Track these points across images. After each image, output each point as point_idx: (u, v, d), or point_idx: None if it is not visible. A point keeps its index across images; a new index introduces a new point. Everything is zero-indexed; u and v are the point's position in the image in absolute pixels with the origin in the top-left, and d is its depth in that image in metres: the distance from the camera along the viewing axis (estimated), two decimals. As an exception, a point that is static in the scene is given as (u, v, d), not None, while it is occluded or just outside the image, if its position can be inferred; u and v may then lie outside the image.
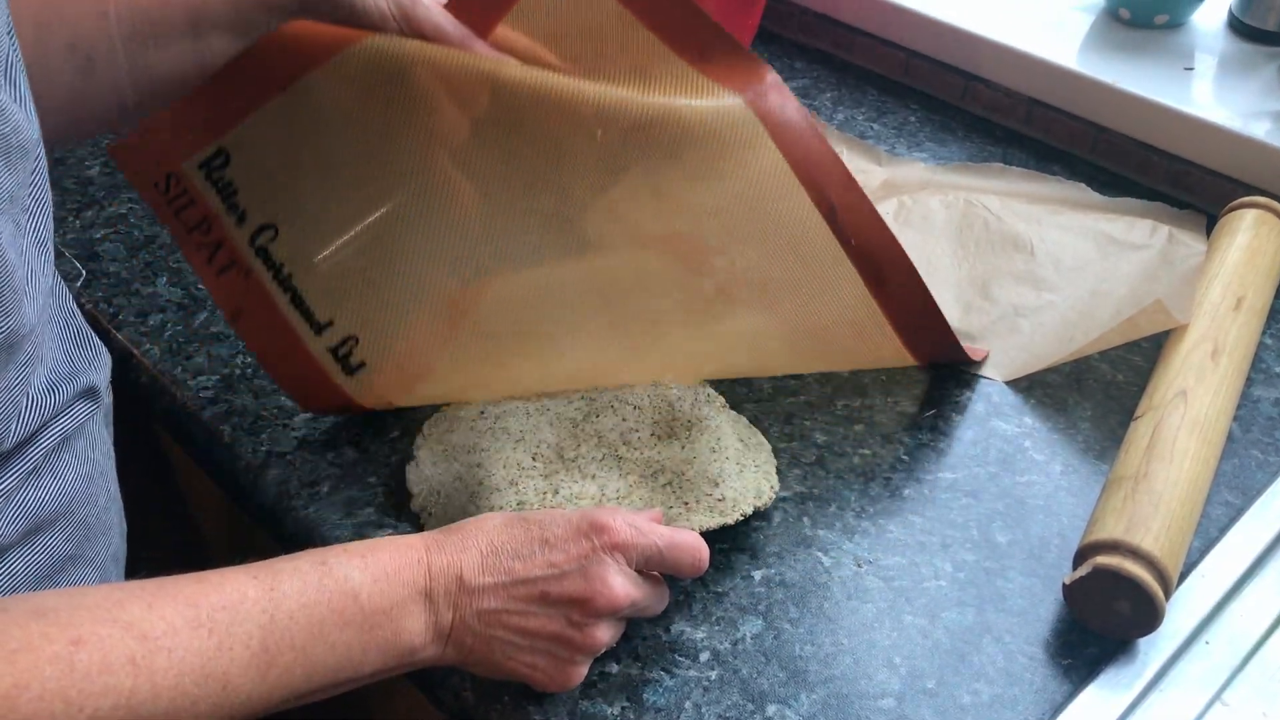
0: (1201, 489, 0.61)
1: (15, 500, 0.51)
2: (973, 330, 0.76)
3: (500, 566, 0.52)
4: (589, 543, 0.53)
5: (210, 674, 0.44)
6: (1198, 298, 0.72)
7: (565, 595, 0.52)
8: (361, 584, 0.49)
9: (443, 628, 0.51)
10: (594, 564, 0.52)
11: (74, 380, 0.54)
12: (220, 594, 0.46)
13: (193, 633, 0.44)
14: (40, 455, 0.51)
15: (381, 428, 0.69)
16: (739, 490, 0.61)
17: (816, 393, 0.73)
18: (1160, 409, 0.64)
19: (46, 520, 0.53)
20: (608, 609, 0.52)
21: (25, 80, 0.47)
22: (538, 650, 0.52)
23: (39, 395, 0.51)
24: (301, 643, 0.47)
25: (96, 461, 0.57)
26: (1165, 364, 0.69)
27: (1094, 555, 0.57)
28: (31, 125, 0.45)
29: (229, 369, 0.73)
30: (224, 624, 0.45)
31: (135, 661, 0.42)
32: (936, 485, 0.67)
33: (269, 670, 0.46)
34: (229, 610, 0.45)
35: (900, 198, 0.86)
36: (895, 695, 0.56)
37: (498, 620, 0.51)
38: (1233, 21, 0.98)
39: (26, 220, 0.48)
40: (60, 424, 0.53)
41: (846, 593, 0.61)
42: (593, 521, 0.53)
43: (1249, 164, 0.85)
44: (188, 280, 0.80)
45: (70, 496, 0.54)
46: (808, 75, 1.05)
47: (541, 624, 0.52)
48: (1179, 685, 0.57)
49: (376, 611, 0.49)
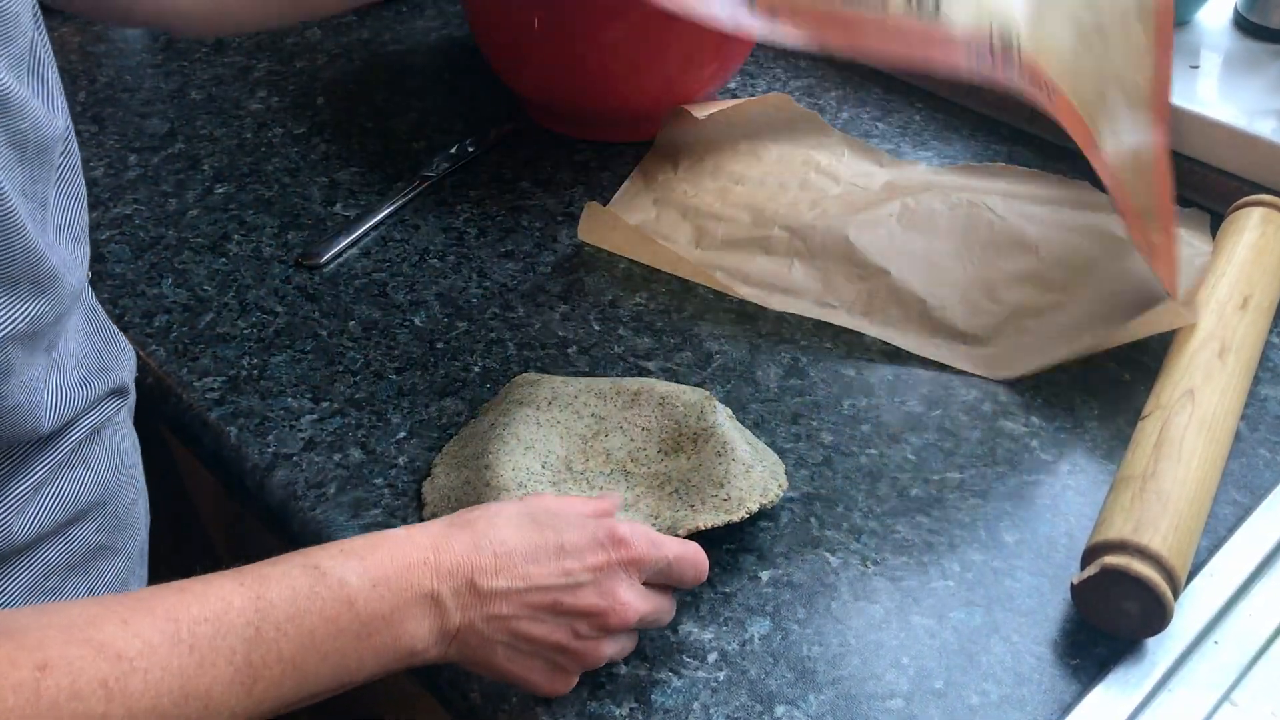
0: (1209, 489, 0.61)
1: (52, 491, 0.51)
2: (978, 331, 0.76)
3: (514, 570, 0.50)
4: (606, 555, 0.51)
5: (191, 693, 0.42)
6: (1204, 296, 0.72)
7: (578, 608, 0.51)
8: (359, 589, 0.46)
9: (449, 631, 0.49)
10: (609, 578, 0.51)
11: (105, 375, 0.55)
12: (202, 606, 0.43)
13: (171, 650, 0.42)
14: (70, 447, 0.52)
15: (388, 429, 0.69)
16: (745, 489, 0.61)
17: (823, 393, 0.73)
18: (1168, 408, 0.64)
19: (82, 511, 0.53)
20: (619, 625, 0.51)
21: (54, 73, 0.47)
22: (539, 656, 0.51)
23: (72, 389, 0.51)
24: (290, 654, 0.45)
25: (126, 454, 0.58)
26: (1172, 363, 0.69)
27: (1102, 555, 0.57)
28: (55, 120, 0.45)
29: (235, 370, 0.73)
30: (206, 638, 0.42)
31: (108, 685, 0.40)
32: (944, 485, 0.67)
33: (254, 685, 0.44)
34: (211, 623, 0.43)
35: (904, 199, 0.86)
36: (903, 696, 0.56)
37: (505, 626, 0.50)
38: (1238, 20, 0.98)
39: (54, 213, 0.48)
40: (90, 417, 0.53)
41: (854, 593, 0.61)
42: (610, 533, 0.52)
43: (1254, 162, 0.85)
44: (193, 281, 0.80)
45: (104, 487, 0.55)
46: (812, 74, 1.05)
47: (548, 632, 0.51)
48: (1187, 685, 0.57)
49: (375, 617, 0.47)
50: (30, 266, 0.44)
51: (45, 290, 0.45)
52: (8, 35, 0.42)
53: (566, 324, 0.78)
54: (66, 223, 0.50)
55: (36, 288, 0.45)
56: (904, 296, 0.78)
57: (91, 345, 0.55)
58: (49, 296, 0.46)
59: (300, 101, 1.00)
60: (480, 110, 0.99)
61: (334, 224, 0.86)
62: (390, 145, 0.95)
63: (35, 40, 0.45)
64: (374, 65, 1.05)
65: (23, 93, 0.42)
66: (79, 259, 0.51)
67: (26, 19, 0.44)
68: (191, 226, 0.85)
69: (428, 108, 0.99)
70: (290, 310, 0.78)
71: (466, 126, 0.97)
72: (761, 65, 1.06)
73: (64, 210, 0.50)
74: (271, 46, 1.08)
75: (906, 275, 0.79)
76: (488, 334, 0.77)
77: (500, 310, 0.79)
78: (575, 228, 0.85)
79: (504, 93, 1.00)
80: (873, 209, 0.85)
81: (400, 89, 1.02)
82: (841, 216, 0.85)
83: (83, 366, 0.53)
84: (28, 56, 0.44)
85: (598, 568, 0.51)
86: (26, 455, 0.50)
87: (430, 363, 0.74)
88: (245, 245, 0.84)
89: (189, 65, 1.04)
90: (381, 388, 0.72)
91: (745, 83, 1.03)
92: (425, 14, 1.14)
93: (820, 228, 0.84)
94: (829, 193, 0.88)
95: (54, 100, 0.46)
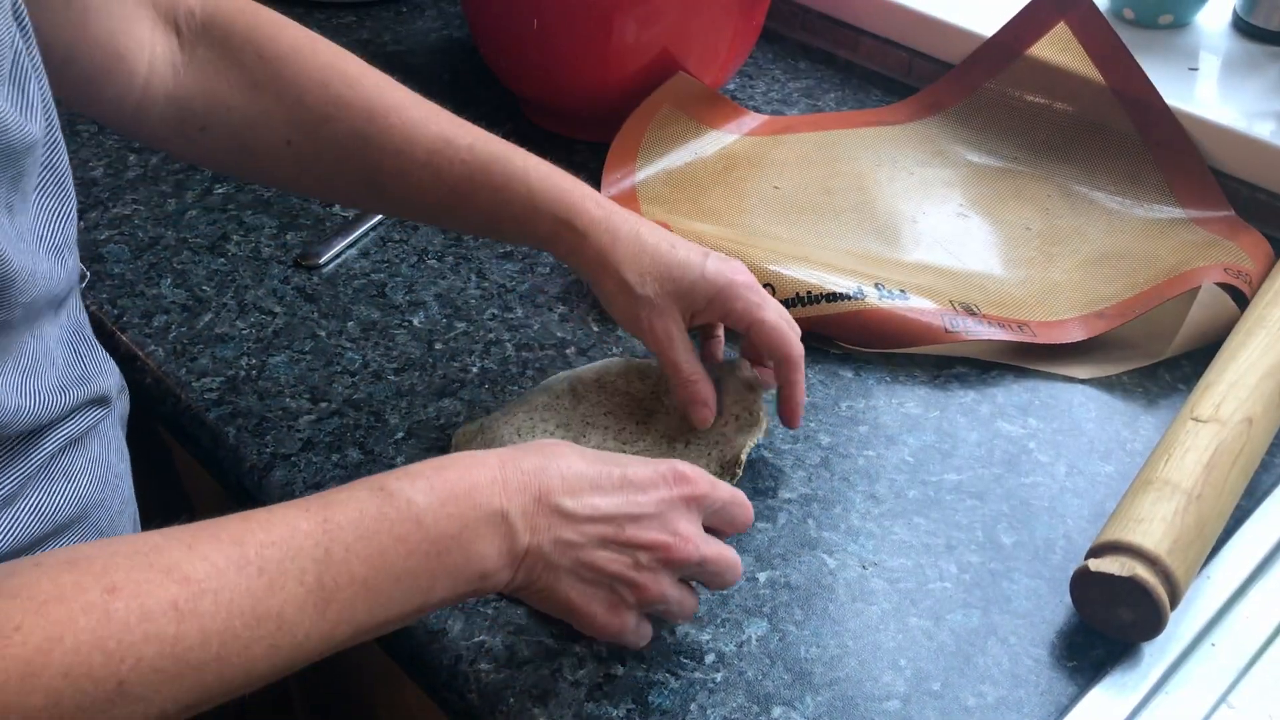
0: (1227, 517, 0.62)
1: (27, 505, 0.50)
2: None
3: (580, 496, 0.50)
4: (670, 490, 0.52)
5: (263, 615, 0.42)
6: (1269, 321, 0.70)
7: (641, 540, 0.51)
8: (427, 508, 0.46)
9: (518, 552, 0.49)
10: (672, 511, 0.52)
11: (86, 384, 0.54)
12: (268, 531, 0.43)
13: (239, 573, 0.41)
14: (44, 460, 0.51)
15: (386, 430, 0.69)
16: (742, 403, 0.66)
17: (821, 394, 0.73)
18: (1226, 426, 0.62)
19: (61, 525, 0.52)
20: (681, 559, 0.52)
21: (37, 83, 0.46)
22: (601, 586, 0.51)
23: (48, 394, 0.50)
24: (362, 575, 0.44)
25: (111, 465, 0.57)
26: (1241, 376, 0.66)
27: (1129, 556, 0.56)
28: (29, 128, 0.45)
29: (233, 370, 0.73)
30: (274, 561, 0.42)
31: (178, 606, 0.40)
32: (941, 487, 0.67)
33: (328, 607, 0.43)
34: (279, 546, 0.43)
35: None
36: (900, 697, 0.56)
37: (570, 552, 0.50)
38: (1237, 22, 0.98)
39: (29, 221, 0.48)
40: (68, 426, 0.52)
41: (851, 595, 0.61)
42: (673, 469, 0.52)
43: (1253, 164, 0.85)
44: (192, 282, 0.80)
45: (85, 500, 0.54)
46: (811, 75, 1.05)
47: (610, 561, 0.51)
48: (1185, 687, 0.57)
49: (444, 537, 0.46)
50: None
51: (8, 292, 0.44)
52: None
53: (565, 325, 0.78)
54: (47, 234, 0.49)
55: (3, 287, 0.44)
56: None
57: (75, 354, 0.54)
58: (12, 298, 0.45)
59: (300, 102, 1.00)
60: (479, 110, 0.99)
61: (333, 224, 0.86)
62: (389, 146, 0.95)
63: (20, 51, 0.45)
64: (374, 65, 1.05)
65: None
66: (58, 270, 0.49)
67: (4, 20, 0.43)
68: (190, 227, 0.85)
69: (427, 108, 0.99)
70: (289, 310, 0.78)
71: (466, 127, 0.97)
72: (760, 67, 1.06)
73: (44, 221, 0.49)
74: (271, 47, 1.08)
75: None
76: (486, 335, 0.77)
77: (499, 311, 0.79)
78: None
79: (503, 93, 1.00)
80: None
81: (400, 89, 1.02)
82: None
83: (62, 376, 0.52)
84: (7, 66, 0.44)
85: (662, 501, 0.51)
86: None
87: (429, 363, 0.74)
88: (244, 245, 0.84)
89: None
90: (380, 388, 0.72)
91: (744, 84, 1.03)
92: (425, 15, 1.14)
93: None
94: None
95: (33, 110, 0.46)
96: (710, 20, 0.90)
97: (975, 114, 0.95)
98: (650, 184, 0.88)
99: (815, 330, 0.75)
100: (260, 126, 0.63)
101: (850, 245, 0.83)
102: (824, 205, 0.87)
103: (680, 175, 0.90)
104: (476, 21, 0.94)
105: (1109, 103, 0.89)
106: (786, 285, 0.75)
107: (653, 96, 0.90)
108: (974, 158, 0.93)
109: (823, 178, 0.90)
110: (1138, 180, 0.88)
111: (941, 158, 0.93)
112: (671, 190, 0.88)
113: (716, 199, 0.88)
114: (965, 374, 0.74)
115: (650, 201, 0.86)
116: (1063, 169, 0.90)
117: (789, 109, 1.00)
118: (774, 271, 0.76)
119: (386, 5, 1.15)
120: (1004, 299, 0.78)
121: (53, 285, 0.49)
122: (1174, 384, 0.74)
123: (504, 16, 0.89)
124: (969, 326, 0.74)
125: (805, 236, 0.84)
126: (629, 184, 0.88)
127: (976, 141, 0.94)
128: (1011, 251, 0.83)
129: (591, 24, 0.86)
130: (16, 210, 0.46)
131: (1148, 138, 0.87)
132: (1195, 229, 0.83)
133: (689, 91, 0.92)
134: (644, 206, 0.86)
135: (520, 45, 0.90)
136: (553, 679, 0.56)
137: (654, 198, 0.87)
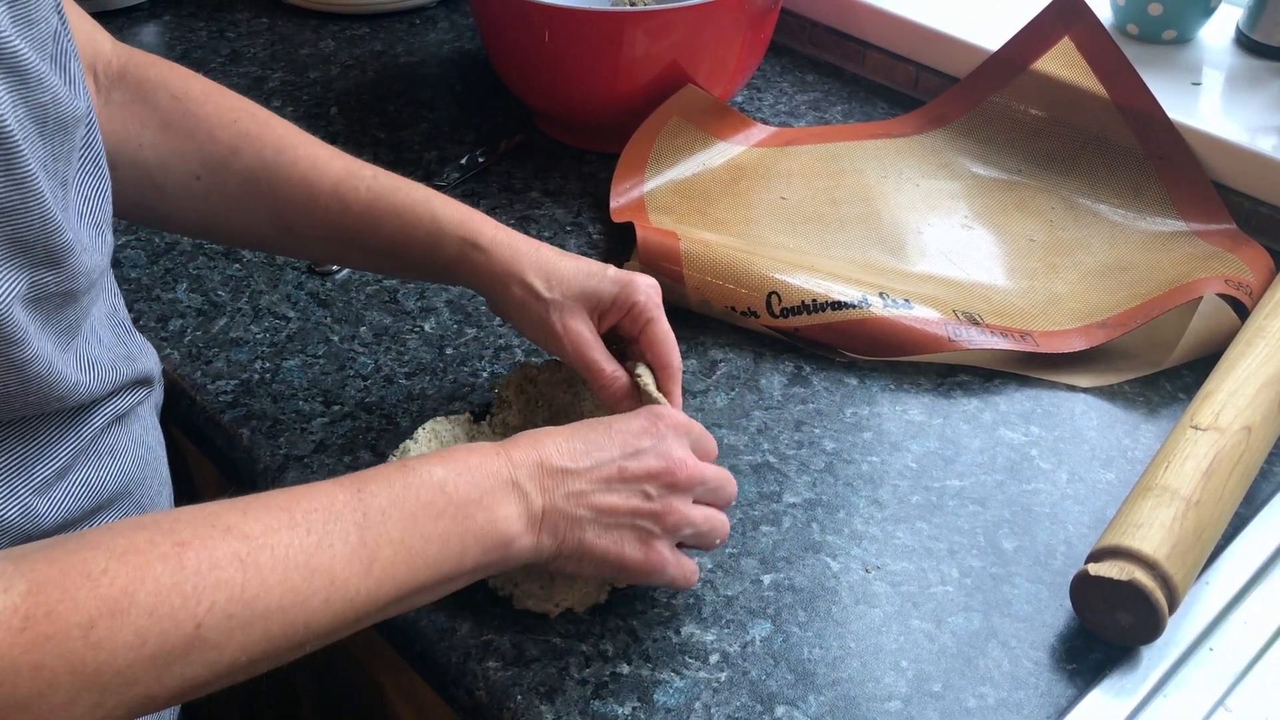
0: (1225, 523, 0.62)
1: (77, 479, 0.53)
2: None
3: (576, 453, 0.54)
4: (654, 424, 0.56)
5: (316, 569, 0.46)
6: (1268, 332, 0.71)
7: (643, 470, 0.55)
8: (446, 478, 0.51)
9: (534, 513, 0.53)
10: (662, 442, 0.56)
11: (131, 364, 0.56)
12: (310, 500, 0.48)
13: (291, 532, 0.46)
14: (93, 434, 0.54)
15: (398, 433, 0.70)
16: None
17: (826, 401, 0.74)
18: (1226, 434, 0.63)
19: (108, 499, 0.55)
20: (685, 479, 0.56)
21: (78, 66, 0.49)
22: (625, 527, 0.55)
23: (101, 370, 0.53)
24: (399, 535, 0.48)
25: (151, 448, 0.59)
26: (1240, 385, 0.67)
27: (1128, 561, 0.57)
28: (76, 102, 0.47)
29: (248, 374, 0.74)
30: (320, 523, 0.47)
31: (241, 558, 0.44)
32: (944, 493, 0.68)
33: (372, 565, 0.47)
34: (321, 511, 0.47)
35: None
36: (902, 698, 0.57)
37: (584, 500, 0.54)
38: (1240, 37, 0.99)
39: (74, 197, 0.50)
40: (115, 403, 0.55)
41: (854, 597, 0.61)
42: (649, 411, 0.58)
43: (1255, 178, 0.86)
44: (207, 286, 0.82)
45: (129, 477, 0.56)
46: (818, 88, 1.06)
47: (623, 500, 0.55)
48: (1183, 691, 0.57)
49: (467, 502, 0.51)
50: (44, 235, 0.45)
51: (58, 263, 0.47)
52: (29, 18, 0.44)
53: (574, 331, 0.79)
54: (89, 209, 0.52)
55: (48, 257, 0.46)
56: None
57: (116, 336, 0.57)
58: (61, 270, 0.47)
59: (314, 111, 1.01)
60: (491, 121, 1.01)
61: (346, 232, 0.87)
62: (402, 155, 0.96)
63: (60, 32, 0.47)
64: (387, 77, 1.07)
65: (43, 67, 0.44)
66: (100, 245, 0.52)
67: (48, 8, 0.46)
68: (206, 233, 0.87)
69: (439, 119, 1.01)
70: (302, 316, 0.80)
71: (477, 137, 0.98)
72: (769, 80, 1.07)
73: (86, 197, 0.52)
74: (286, 57, 1.09)
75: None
76: (496, 340, 0.78)
77: (509, 317, 0.80)
78: (583, 237, 0.87)
79: (514, 104, 1.02)
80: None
81: (412, 100, 1.03)
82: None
83: (111, 353, 0.55)
84: (50, 43, 0.46)
85: (649, 433, 0.56)
86: (50, 438, 0.51)
87: (439, 368, 0.75)
88: (258, 252, 0.85)
89: (205, 75, 1.05)
90: (391, 392, 0.74)
91: (752, 96, 1.05)
92: (438, 27, 1.15)
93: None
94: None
95: (76, 85, 0.48)
96: (719, 33, 0.91)
97: (980, 127, 0.96)
98: (659, 194, 0.90)
99: (821, 338, 0.77)
100: (171, 161, 0.65)
101: (856, 255, 0.85)
102: (830, 216, 0.88)
103: (688, 185, 0.91)
104: (489, 33, 0.95)
105: (1112, 117, 0.90)
106: (792, 294, 0.76)
107: (662, 108, 0.92)
108: (979, 170, 0.94)
109: (829, 188, 0.91)
110: (1140, 193, 0.89)
111: (947, 170, 0.94)
112: (679, 200, 0.89)
113: (724, 209, 0.89)
114: (968, 382, 0.75)
115: (658, 211, 0.88)
116: (1066, 182, 0.91)
117: (796, 121, 1.02)
118: (780, 280, 0.77)
119: (400, 17, 1.16)
120: (1007, 309, 0.79)
121: (99, 259, 0.51)
122: (1175, 393, 0.75)
123: (516, 29, 0.90)
124: (972, 336, 0.75)
125: (811, 246, 0.85)
126: (638, 194, 0.89)
127: (981, 154, 0.95)
128: (1015, 262, 0.84)
129: (602, 36, 0.87)
130: (69, 184, 0.48)
131: (1150, 151, 0.88)
132: (1197, 241, 0.84)
133: (698, 103, 0.93)
134: (652, 216, 0.87)
135: (532, 57, 0.91)
136: (559, 677, 0.57)
137: (662, 207, 0.88)
